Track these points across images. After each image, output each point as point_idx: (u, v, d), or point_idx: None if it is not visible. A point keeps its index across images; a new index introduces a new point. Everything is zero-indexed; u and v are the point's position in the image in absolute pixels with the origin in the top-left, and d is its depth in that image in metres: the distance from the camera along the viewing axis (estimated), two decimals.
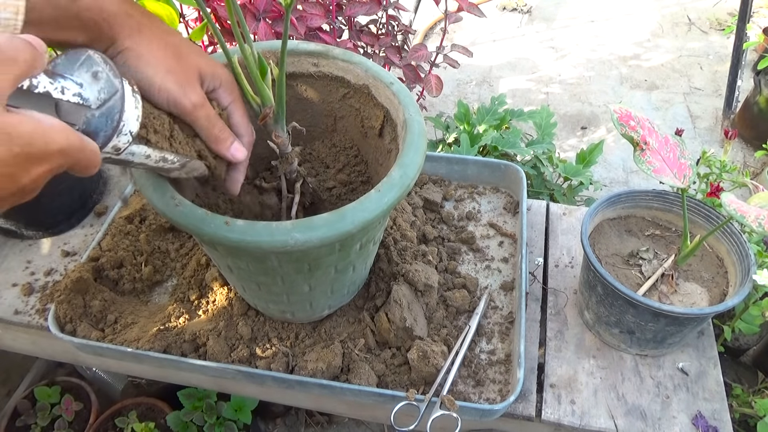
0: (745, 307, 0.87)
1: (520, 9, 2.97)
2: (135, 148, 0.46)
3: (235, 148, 0.55)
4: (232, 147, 0.55)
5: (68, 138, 0.37)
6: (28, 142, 0.34)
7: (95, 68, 0.43)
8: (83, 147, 0.39)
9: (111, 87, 0.42)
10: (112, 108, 0.42)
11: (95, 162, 0.40)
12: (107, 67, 0.43)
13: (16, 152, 0.34)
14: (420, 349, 0.69)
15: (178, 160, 0.51)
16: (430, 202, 0.90)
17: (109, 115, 0.42)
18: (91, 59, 0.43)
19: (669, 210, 0.77)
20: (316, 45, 0.69)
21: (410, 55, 1.25)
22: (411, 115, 0.60)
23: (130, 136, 0.44)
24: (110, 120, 0.42)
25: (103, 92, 0.42)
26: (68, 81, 0.41)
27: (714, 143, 2.15)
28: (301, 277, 0.61)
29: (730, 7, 2.85)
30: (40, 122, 0.35)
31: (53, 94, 0.40)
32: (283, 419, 1.45)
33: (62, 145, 0.37)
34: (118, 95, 0.42)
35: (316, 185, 0.72)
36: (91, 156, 0.40)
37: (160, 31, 0.50)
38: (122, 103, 0.43)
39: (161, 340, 0.71)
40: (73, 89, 0.41)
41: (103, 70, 0.43)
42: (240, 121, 0.57)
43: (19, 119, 0.34)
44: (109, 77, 0.43)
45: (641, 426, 0.68)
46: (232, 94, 0.56)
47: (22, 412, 1.21)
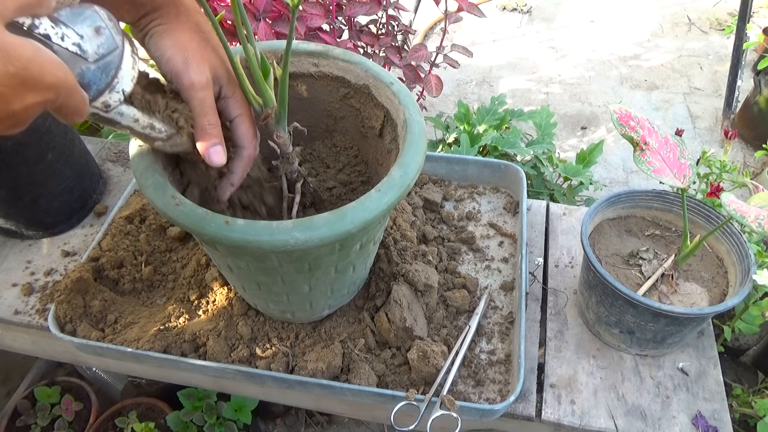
0: (745, 307, 0.87)
1: (520, 9, 2.97)
2: (124, 109, 0.46)
3: (214, 151, 0.52)
4: (211, 147, 0.52)
5: (65, 74, 0.37)
6: (24, 66, 0.34)
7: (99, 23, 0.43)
8: (75, 89, 0.39)
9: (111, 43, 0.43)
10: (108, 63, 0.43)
11: (83, 110, 0.41)
12: (111, 24, 0.43)
13: (11, 72, 0.33)
14: (420, 349, 0.69)
15: (165, 130, 0.51)
16: (430, 202, 0.90)
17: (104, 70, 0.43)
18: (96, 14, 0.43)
19: (669, 210, 0.77)
20: (316, 45, 0.69)
21: (410, 55, 1.25)
22: (411, 115, 0.60)
23: (122, 94, 0.44)
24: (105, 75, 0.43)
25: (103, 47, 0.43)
26: (70, 30, 0.41)
27: (714, 143, 2.15)
28: (301, 277, 0.61)
29: (730, 7, 2.85)
30: (40, 50, 0.36)
31: (53, 38, 0.40)
32: (283, 419, 1.45)
33: (58, 79, 0.37)
34: (116, 52, 0.43)
35: (316, 185, 0.72)
36: (81, 102, 0.40)
37: (196, 24, 0.52)
38: (120, 60, 0.43)
39: (161, 340, 0.71)
40: (73, 38, 0.41)
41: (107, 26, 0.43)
42: (245, 134, 0.56)
43: (20, 42, 0.34)
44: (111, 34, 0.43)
45: (641, 426, 0.68)
46: (243, 107, 0.56)
47: (22, 412, 1.21)
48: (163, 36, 0.50)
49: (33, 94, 0.36)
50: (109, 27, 0.43)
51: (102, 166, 1.02)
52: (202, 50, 0.51)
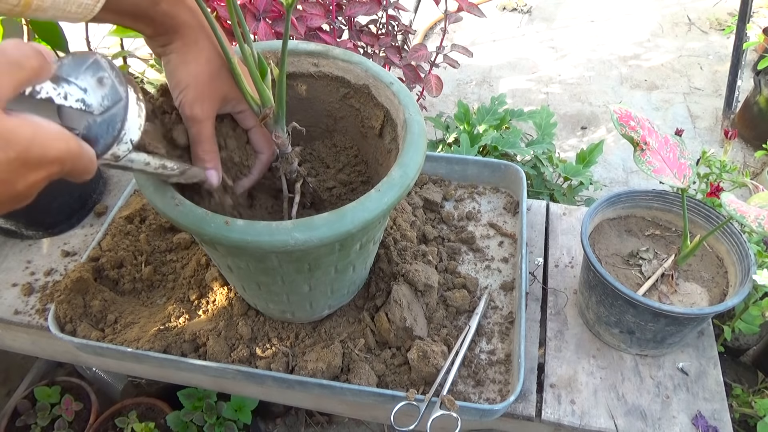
0: (745, 307, 0.87)
1: (520, 9, 2.97)
2: (134, 156, 0.46)
3: (210, 174, 0.57)
4: (207, 171, 0.57)
5: (68, 145, 0.37)
6: (26, 147, 0.34)
7: (101, 73, 0.42)
8: (81, 155, 0.39)
9: (115, 94, 0.42)
10: (114, 116, 0.42)
11: (91, 169, 0.41)
12: (113, 73, 0.42)
13: (12, 157, 0.33)
14: (420, 349, 0.69)
15: (177, 167, 0.52)
16: (430, 202, 0.90)
17: (110, 123, 0.42)
18: (97, 64, 0.42)
19: (669, 210, 0.77)
20: (316, 45, 0.69)
21: (410, 55, 1.25)
22: (411, 115, 0.60)
23: (130, 144, 0.44)
24: (111, 128, 0.42)
25: (107, 99, 0.42)
26: (72, 86, 0.41)
27: (714, 143, 2.15)
28: (301, 277, 0.61)
29: (730, 7, 2.85)
30: (39, 127, 0.35)
31: (55, 99, 0.40)
32: (283, 419, 1.45)
33: (61, 152, 0.36)
34: (121, 104, 0.42)
35: (316, 185, 0.72)
36: (88, 164, 0.40)
37: (210, 52, 0.54)
38: (125, 112, 0.42)
39: (161, 340, 0.71)
40: (76, 95, 0.41)
41: (109, 76, 0.42)
42: (259, 141, 0.62)
43: (18, 123, 0.34)
44: (114, 84, 0.42)
45: (641, 426, 0.68)
46: (256, 119, 0.59)
47: (22, 412, 1.21)
48: (179, 68, 0.53)
49: (36, 172, 0.36)
50: (111, 76, 0.42)
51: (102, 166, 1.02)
52: (212, 83, 0.54)
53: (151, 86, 1.38)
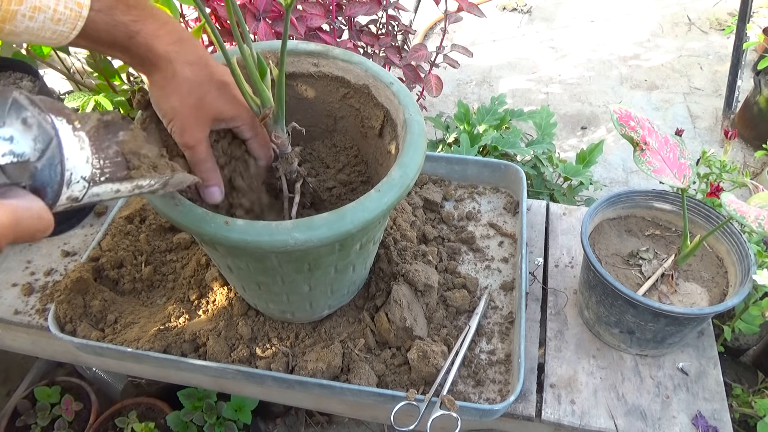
0: (745, 307, 0.87)
1: (520, 9, 2.97)
2: (98, 189, 0.41)
3: (210, 192, 0.59)
4: (207, 189, 0.58)
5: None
6: None
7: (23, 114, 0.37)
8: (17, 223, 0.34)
9: (45, 134, 0.37)
10: (52, 158, 0.37)
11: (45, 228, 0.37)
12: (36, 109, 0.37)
13: None
14: (420, 349, 0.69)
15: (156, 181, 0.47)
16: (430, 202, 0.90)
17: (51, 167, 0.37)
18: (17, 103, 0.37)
19: (669, 210, 0.77)
20: (316, 45, 0.69)
21: (410, 55, 1.25)
22: (411, 115, 0.60)
23: (83, 181, 0.39)
24: (53, 173, 0.37)
25: (39, 141, 0.37)
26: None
27: (714, 143, 2.15)
28: (301, 277, 0.61)
29: (730, 7, 2.85)
30: None
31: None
32: (283, 419, 1.45)
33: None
34: (54, 143, 0.37)
35: (316, 185, 0.72)
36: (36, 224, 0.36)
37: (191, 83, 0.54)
38: (61, 151, 0.37)
39: (161, 340, 0.71)
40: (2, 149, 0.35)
41: (33, 114, 0.37)
42: (257, 149, 0.63)
43: None
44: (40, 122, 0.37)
45: (641, 426, 0.68)
46: (253, 130, 0.61)
47: (22, 412, 1.21)
48: (161, 101, 0.54)
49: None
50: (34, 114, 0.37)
51: None
52: (198, 110, 0.55)
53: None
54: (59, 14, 0.44)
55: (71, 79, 1.50)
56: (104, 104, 1.29)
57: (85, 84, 1.50)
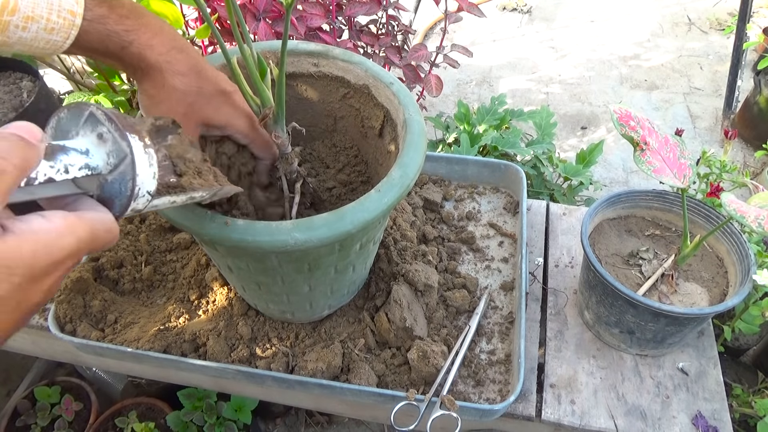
0: (745, 307, 0.87)
1: (520, 9, 2.97)
2: (157, 202, 0.43)
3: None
4: None
5: (77, 237, 0.34)
6: (30, 264, 0.31)
7: (99, 129, 0.38)
8: (95, 237, 0.35)
9: (119, 151, 0.38)
10: (124, 174, 0.38)
11: (112, 239, 0.38)
12: (112, 126, 0.38)
13: (17, 282, 0.30)
14: (420, 349, 0.69)
15: (207, 193, 0.48)
16: (430, 202, 0.90)
17: (122, 182, 0.38)
18: (93, 117, 0.38)
19: (669, 210, 0.77)
20: (316, 45, 0.69)
21: (410, 55, 1.25)
22: (411, 115, 0.60)
23: (148, 196, 0.41)
24: (123, 187, 0.39)
25: (113, 156, 0.38)
26: (71, 154, 0.37)
27: (714, 143, 2.15)
28: (301, 277, 0.61)
29: (730, 7, 2.85)
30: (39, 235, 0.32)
31: (56, 178, 0.35)
32: (283, 419, 1.45)
33: (71, 247, 0.33)
34: (128, 160, 0.38)
35: (316, 185, 0.72)
36: (107, 237, 0.37)
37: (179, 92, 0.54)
38: (133, 168, 0.38)
39: (161, 340, 0.71)
40: (78, 162, 0.37)
41: (109, 129, 0.38)
42: (258, 152, 0.63)
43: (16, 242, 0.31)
44: (116, 138, 0.38)
45: (641, 426, 0.68)
46: (247, 138, 0.60)
47: (22, 412, 1.21)
48: (151, 109, 0.54)
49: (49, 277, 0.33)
50: (111, 129, 0.38)
51: None
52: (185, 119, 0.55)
53: None
54: (53, 23, 0.44)
55: (71, 79, 1.50)
56: (104, 104, 1.29)
57: (85, 84, 1.50)
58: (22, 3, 0.42)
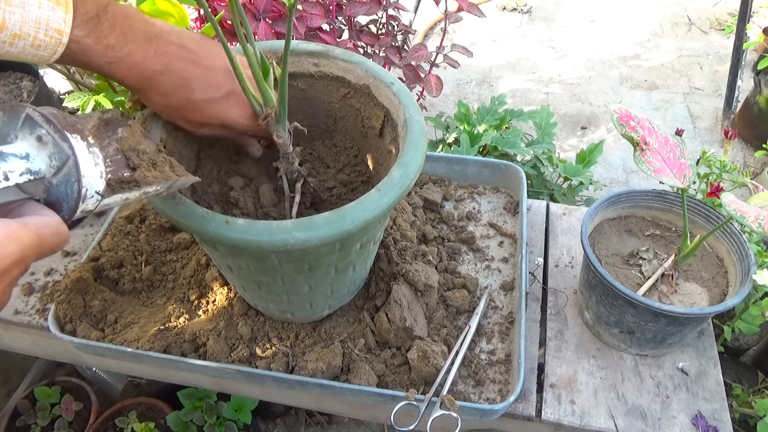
0: (745, 307, 0.87)
1: (520, 9, 2.97)
2: (108, 200, 0.42)
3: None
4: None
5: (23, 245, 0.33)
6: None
7: (38, 131, 0.37)
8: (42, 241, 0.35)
9: (61, 152, 0.37)
10: (68, 176, 0.37)
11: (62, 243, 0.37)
12: (51, 127, 0.37)
13: None
14: (420, 349, 0.69)
15: (162, 186, 0.48)
16: (430, 202, 0.90)
17: (67, 184, 0.37)
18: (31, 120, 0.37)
19: (669, 210, 0.77)
20: (316, 45, 0.69)
21: (410, 55, 1.25)
22: (411, 115, 0.60)
23: (97, 196, 0.40)
24: (70, 189, 0.38)
25: (55, 158, 0.37)
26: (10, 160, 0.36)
27: (714, 143, 2.15)
28: (302, 277, 0.61)
29: (730, 7, 2.85)
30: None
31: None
32: (283, 419, 1.45)
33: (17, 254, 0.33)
34: (71, 162, 0.37)
35: (316, 185, 0.72)
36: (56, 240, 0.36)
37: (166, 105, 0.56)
38: (78, 170, 0.37)
39: (161, 340, 0.71)
40: (18, 168, 0.36)
41: (48, 131, 0.37)
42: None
43: None
44: (56, 140, 0.37)
45: (641, 426, 0.68)
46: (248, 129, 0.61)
47: (22, 412, 1.21)
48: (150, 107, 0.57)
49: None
50: (50, 131, 0.37)
51: None
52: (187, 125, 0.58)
53: None
54: (39, 41, 0.44)
55: (71, 79, 1.50)
56: (104, 104, 1.29)
57: (85, 84, 1.50)
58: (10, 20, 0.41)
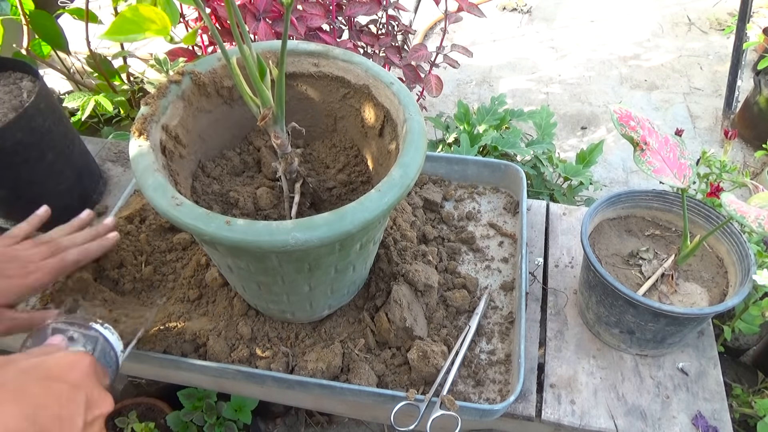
0: (745, 307, 0.87)
1: (520, 9, 2.97)
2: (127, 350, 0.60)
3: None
4: None
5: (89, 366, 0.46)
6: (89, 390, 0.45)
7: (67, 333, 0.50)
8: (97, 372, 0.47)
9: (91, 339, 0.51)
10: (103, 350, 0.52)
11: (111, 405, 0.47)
12: (74, 327, 0.51)
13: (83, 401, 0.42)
14: (420, 349, 0.69)
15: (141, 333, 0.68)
16: (430, 202, 0.90)
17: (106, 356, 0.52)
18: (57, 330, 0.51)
19: (669, 210, 0.77)
20: (316, 45, 0.69)
21: (410, 55, 1.25)
22: (411, 115, 0.60)
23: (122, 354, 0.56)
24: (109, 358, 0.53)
25: (88, 344, 0.50)
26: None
27: (714, 143, 2.15)
28: (301, 277, 0.61)
29: (730, 7, 2.85)
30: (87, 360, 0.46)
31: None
32: (283, 419, 1.45)
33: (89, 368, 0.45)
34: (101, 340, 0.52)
35: (316, 185, 0.72)
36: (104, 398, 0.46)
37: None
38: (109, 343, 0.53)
39: (161, 340, 0.71)
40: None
41: (74, 330, 0.51)
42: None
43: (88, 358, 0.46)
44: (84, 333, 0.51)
45: (641, 426, 0.68)
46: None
47: None
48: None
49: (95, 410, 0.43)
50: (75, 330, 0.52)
51: (102, 166, 1.02)
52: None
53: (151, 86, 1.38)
54: None
55: (71, 79, 1.50)
56: (104, 104, 1.29)
57: (85, 84, 1.50)
58: None
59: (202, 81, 0.66)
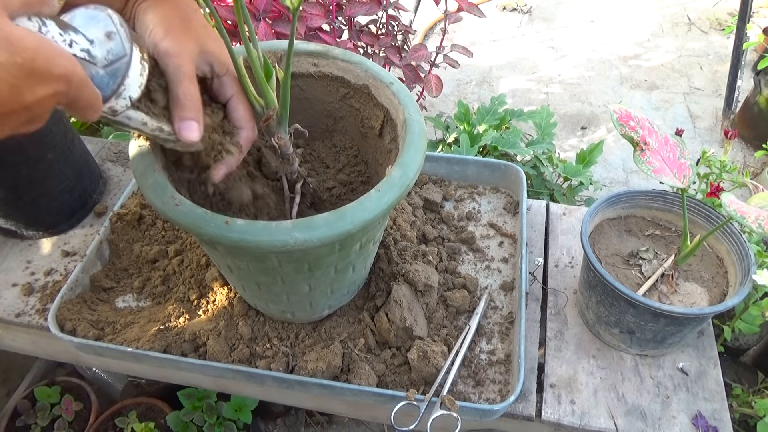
0: (745, 307, 0.87)
1: (520, 9, 2.97)
2: (132, 113, 0.46)
3: (186, 126, 0.49)
4: (183, 121, 0.49)
5: (73, 67, 0.37)
6: (31, 57, 0.34)
7: (110, 28, 0.43)
8: (86, 82, 0.39)
9: (120, 50, 0.43)
10: (117, 70, 0.43)
11: (96, 105, 0.41)
12: (122, 30, 0.44)
13: (19, 63, 0.33)
14: (420, 349, 0.69)
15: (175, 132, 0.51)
16: (430, 202, 0.90)
17: (112, 76, 0.43)
18: (109, 19, 0.43)
19: (669, 210, 0.77)
20: (316, 45, 0.69)
21: (410, 55, 1.25)
22: (411, 115, 0.60)
23: (129, 101, 0.45)
24: (112, 81, 0.43)
25: (112, 53, 0.43)
26: (79, 36, 0.42)
27: (714, 143, 2.15)
28: (301, 277, 0.61)
29: (730, 7, 2.85)
30: (44, 41, 0.35)
31: (60, 44, 0.40)
32: (283, 419, 1.45)
33: (67, 70, 0.36)
34: (125, 59, 0.43)
35: (316, 185, 0.72)
36: (93, 97, 0.40)
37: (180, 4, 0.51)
38: (127, 67, 0.43)
39: (161, 340, 0.71)
40: (82, 44, 0.42)
41: (118, 32, 0.43)
42: (243, 116, 0.55)
43: (22, 33, 0.34)
44: (121, 40, 0.43)
45: (641, 426, 0.68)
46: (237, 86, 0.55)
47: (22, 412, 1.21)
48: (147, 11, 0.49)
49: (43, 86, 0.36)
50: (120, 33, 0.43)
51: (102, 166, 1.02)
52: (185, 24, 0.50)
53: None
54: None
55: None
56: None
57: None
58: None
59: None
